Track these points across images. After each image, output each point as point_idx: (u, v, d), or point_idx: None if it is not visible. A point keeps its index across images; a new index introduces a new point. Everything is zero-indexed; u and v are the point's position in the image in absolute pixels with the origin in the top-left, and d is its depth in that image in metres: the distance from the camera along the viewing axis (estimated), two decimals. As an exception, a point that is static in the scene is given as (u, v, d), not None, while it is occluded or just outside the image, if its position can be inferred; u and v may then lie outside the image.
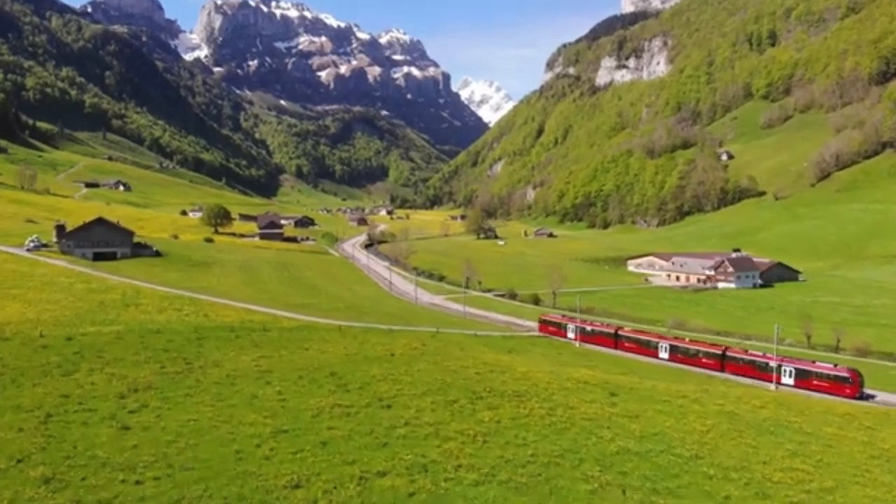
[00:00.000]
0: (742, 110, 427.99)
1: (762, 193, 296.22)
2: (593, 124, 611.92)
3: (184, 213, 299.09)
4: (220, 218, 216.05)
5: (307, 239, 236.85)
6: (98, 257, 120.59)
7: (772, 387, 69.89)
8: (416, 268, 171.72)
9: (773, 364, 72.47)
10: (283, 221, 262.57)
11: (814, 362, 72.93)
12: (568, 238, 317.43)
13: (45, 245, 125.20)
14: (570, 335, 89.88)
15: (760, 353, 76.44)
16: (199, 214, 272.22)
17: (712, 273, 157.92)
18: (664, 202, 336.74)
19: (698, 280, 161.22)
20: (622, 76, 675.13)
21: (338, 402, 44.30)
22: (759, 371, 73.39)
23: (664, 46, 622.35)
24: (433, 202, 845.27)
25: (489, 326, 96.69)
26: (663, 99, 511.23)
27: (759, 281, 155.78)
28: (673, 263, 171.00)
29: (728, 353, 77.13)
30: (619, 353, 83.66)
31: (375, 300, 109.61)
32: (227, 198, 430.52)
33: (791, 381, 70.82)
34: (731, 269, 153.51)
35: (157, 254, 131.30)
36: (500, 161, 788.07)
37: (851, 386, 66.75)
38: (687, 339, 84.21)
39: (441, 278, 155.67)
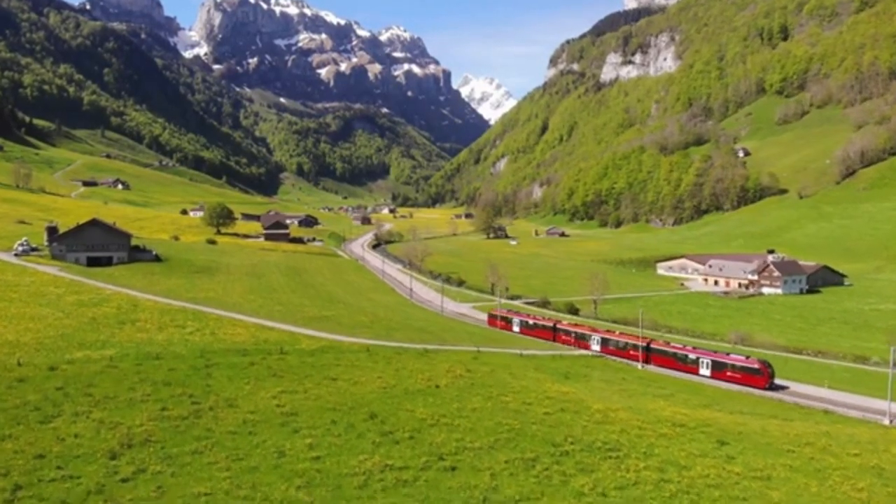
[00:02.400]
0: (755, 106, 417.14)
1: (784, 191, 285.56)
2: (600, 121, 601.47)
3: (184, 212, 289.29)
4: (222, 218, 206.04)
5: (314, 239, 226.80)
6: (92, 262, 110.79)
7: (695, 378, 74.19)
8: (432, 271, 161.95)
9: (692, 356, 76.69)
10: (287, 221, 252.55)
11: (728, 354, 76.68)
12: (582, 237, 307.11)
13: (35, 249, 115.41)
14: (516, 328, 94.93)
15: (681, 346, 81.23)
16: (200, 214, 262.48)
17: (755, 277, 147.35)
18: (680, 200, 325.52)
19: (740, 285, 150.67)
20: (628, 72, 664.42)
21: (387, 462, 34.66)
22: (681, 363, 77.07)
23: (671, 42, 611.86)
24: (435, 200, 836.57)
25: (531, 343, 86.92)
26: (673, 95, 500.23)
27: (806, 286, 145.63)
28: (710, 267, 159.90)
29: (652, 346, 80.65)
30: (557, 344, 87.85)
31: (398, 311, 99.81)
32: (227, 196, 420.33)
33: (708, 373, 74.62)
34: (776, 274, 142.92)
35: (157, 258, 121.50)
36: (503, 158, 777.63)
37: (762, 377, 69.89)
38: (617, 332, 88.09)
39: (460, 283, 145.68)
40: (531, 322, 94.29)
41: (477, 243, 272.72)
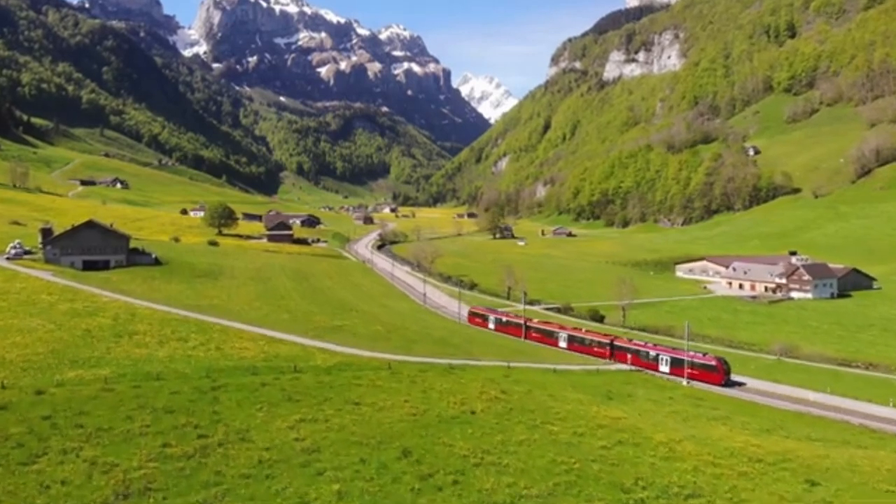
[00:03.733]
0: (763, 104, 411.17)
1: (797, 190, 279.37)
2: (603, 119, 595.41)
3: (184, 212, 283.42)
4: (224, 218, 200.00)
5: (318, 240, 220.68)
6: (88, 266, 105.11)
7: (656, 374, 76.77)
8: (442, 273, 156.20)
9: (653, 353, 79.59)
10: (290, 221, 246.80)
11: (686, 351, 78.00)
12: (590, 237, 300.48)
13: (28, 252, 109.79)
14: (491, 325, 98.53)
15: (643, 343, 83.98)
16: (200, 214, 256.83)
17: (783, 281, 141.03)
18: (690, 200, 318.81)
19: (766, 289, 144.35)
20: (631, 70, 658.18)
21: (434, 517, 29.13)
22: (642, 359, 79.96)
23: (676, 39, 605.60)
24: (436, 199, 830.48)
25: (561, 356, 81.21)
26: (678, 93, 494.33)
27: (836, 290, 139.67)
28: (734, 270, 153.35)
29: (616, 343, 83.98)
30: (528, 341, 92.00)
31: (414, 319, 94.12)
32: (228, 195, 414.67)
33: (667, 369, 76.98)
34: (806, 277, 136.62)
35: (157, 261, 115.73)
36: (505, 157, 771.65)
37: (717, 373, 72.30)
38: (583, 330, 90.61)
39: (472, 286, 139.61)
40: (504, 319, 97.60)
41: (484, 243, 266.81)
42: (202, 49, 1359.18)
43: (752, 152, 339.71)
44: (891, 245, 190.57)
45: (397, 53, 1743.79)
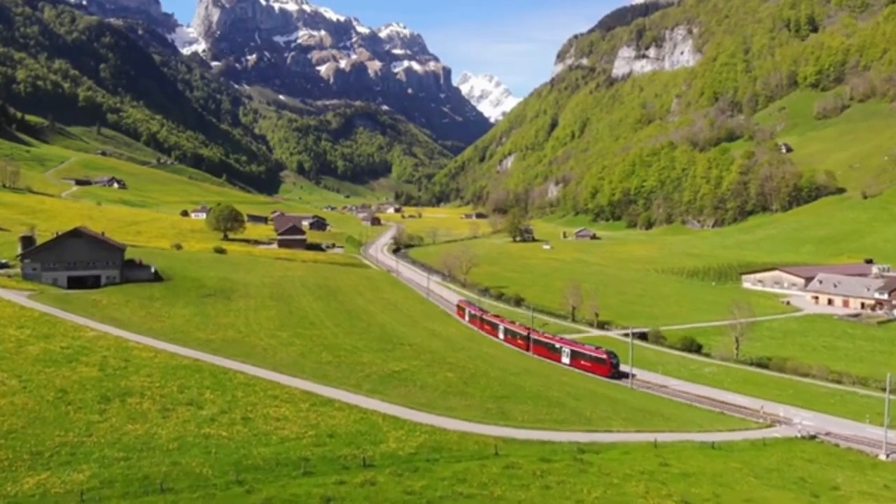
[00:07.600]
0: (789, 100, 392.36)
1: (841, 190, 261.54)
2: (615, 117, 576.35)
3: (185, 213, 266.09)
4: (230, 221, 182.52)
5: (333, 245, 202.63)
6: (75, 283, 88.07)
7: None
8: (478, 285, 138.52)
9: (557, 346, 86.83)
10: (301, 223, 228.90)
11: (583, 345, 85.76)
12: (618, 240, 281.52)
13: (4, 266, 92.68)
14: (466, 318, 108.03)
15: (551, 336, 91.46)
16: (202, 215, 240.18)
17: (885, 297, 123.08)
18: (722, 200, 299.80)
19: (863, 305, 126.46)
20: (642, 66, 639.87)
21: None
22: (550, 351, 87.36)
23: (689, 34, 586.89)
24: (439, 199, 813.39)
25: (697, 413, 63.48)
26: (696, 89, 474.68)
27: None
28: (820, 282, 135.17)
29: (532, 336, 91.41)
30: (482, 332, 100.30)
31: (481, 355, 75.97)
32: (228, 195, 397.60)
33: (568, 361, 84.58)
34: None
35: (157, 276, 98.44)
36: (510, 156, 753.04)
37: (605, 366, 79.46)
38: (517, 324, 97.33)
39: (518, 301, 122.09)
40: (473, 313, 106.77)
41: (505, 247, 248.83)
42: (201, 47, 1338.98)
43: (783, 150, 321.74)
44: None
45: (397, 52, 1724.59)
